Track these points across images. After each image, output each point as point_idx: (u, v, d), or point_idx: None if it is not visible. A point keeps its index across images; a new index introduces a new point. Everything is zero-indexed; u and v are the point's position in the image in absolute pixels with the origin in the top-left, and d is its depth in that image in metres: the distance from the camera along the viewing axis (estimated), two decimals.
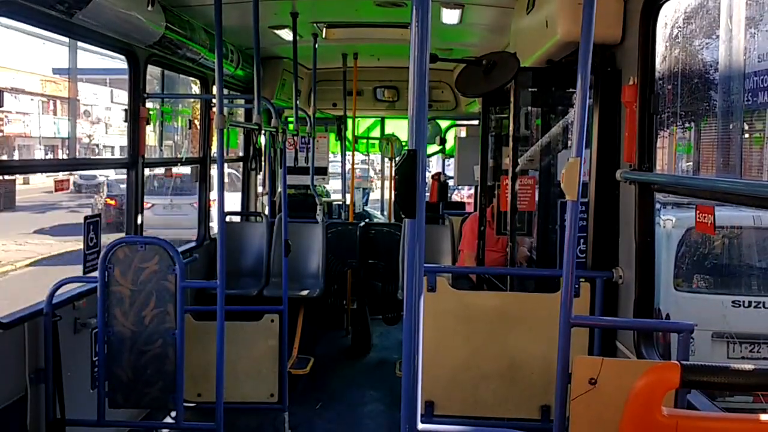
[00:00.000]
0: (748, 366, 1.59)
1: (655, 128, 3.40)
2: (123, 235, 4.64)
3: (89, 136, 40.47)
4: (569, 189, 2.57)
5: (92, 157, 37.02)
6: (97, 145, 39.79)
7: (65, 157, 35.59)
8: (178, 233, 11.56)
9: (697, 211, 2.82)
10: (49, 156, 35.53)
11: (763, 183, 3.34)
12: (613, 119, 3.69)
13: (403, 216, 1.56)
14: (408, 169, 1.50)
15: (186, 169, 8.64)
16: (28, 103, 37.09)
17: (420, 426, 1.64)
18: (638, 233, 3.47)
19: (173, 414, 4.09)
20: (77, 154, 39.08)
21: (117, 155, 35.37)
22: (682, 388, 1.45)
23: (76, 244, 17.63)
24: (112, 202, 20.18)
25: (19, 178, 25.15)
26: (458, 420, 3.94)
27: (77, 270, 4.18)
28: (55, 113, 39.03)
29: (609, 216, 3.80)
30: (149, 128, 4.95)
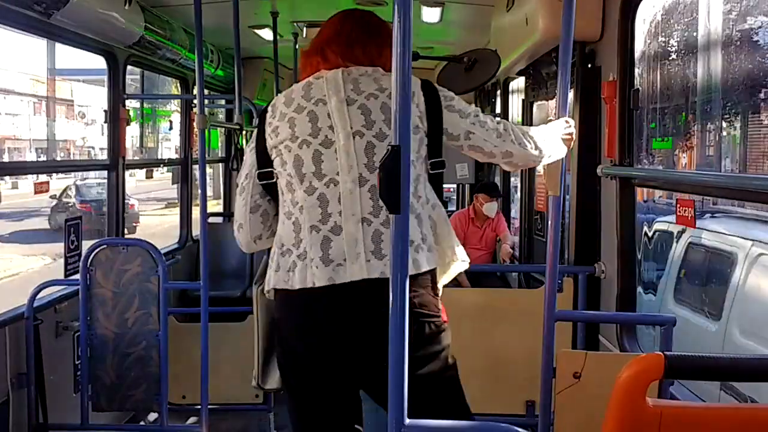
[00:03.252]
0: (733, 356, 1.62)
1: (634, 123, 3.43)
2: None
3: (83, 138, 39.92)
4: (551, 184, 2.59)
5: (75, 158, 36.62)
6: (93, 147, 39.24)
7: (48, 158, 35.22)
8: None
9: (678, 205, 2.85)
10: (42, 159, 35.15)
11: (744, 176, 3.38)
12: (593, 115, 3.72)
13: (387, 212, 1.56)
14: (392, 164, 1.51)
15: None
16: (17, 104, 36.57)
17: (407, 422, 1.65)
18: (620, 228, 3.50)
19: (157, 416, 4.07)
20: (71, 156, 38.68)
21: None
22: (667, 378, 1.47)
23: (42, 258, 17.05)
24: (86, 207, 19.87)
25: (7, 183, 24.84)
26: None
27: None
28: (48, 115, 38.57)
29: (591, 211, 3.83)
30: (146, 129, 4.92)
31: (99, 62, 4.65)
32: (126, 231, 5.04)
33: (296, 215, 2.23)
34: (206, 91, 5.54)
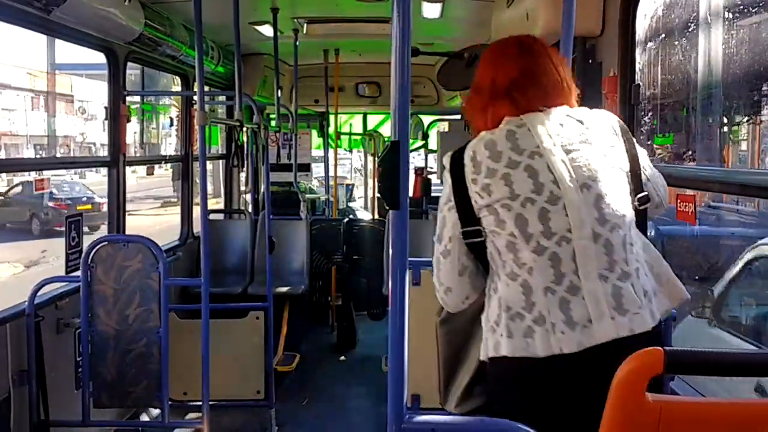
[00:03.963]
0: (734, 351, 1.61)
1: (636, 119, 3.43)
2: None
3: (82, 134, 39.70)
4: None
5: (73, 155, 36.49)
6: (93, 144, 38.99)
7: (47, 155, 35.01)
8: None
9: (678, 201, 2.85)
10: (41, 155, 34.88)
11: (743, 171, 3.38)
12: None
13: (387, 208, 1.56)
14: (391, 161, 1.51)
15: None
16: (14, 98, 36.29)
17: (406, 418, 1.65)
18: None
19: (158, 413, 4.07)
20: (71, 153, 38.42)
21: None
22: (666, 373, 1.46)
23: None
24: (61, 206, 19.30)
25: (3, 180, 24.71)
26: (444, 412, 3.95)
27: None
28: (47, 110, 38.32)
29: None
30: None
31: (100, 57, 4.64)
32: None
33: (524, 276, 2.08)
34: (206, 88, 5.54)
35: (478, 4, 5.15)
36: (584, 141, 2.10)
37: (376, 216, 9.10)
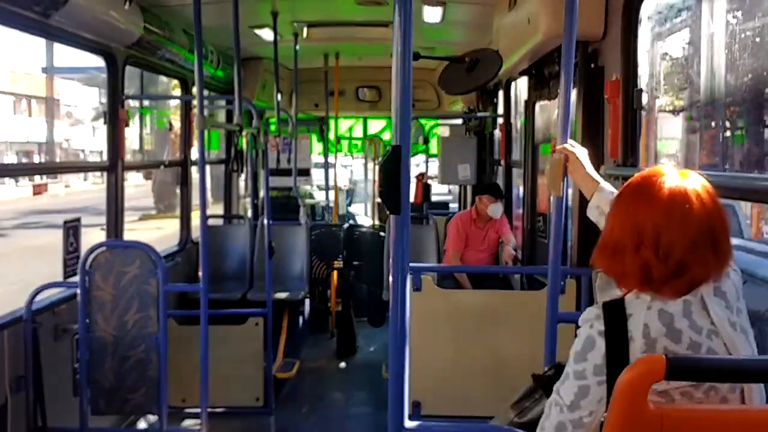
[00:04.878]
0: (735, 357, 1.60)
1: (638, 123, 3.40)
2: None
3: (67, 140, 39.38)
4: (553, 185, 2.56)
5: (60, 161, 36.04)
6: (83, 150, 38.65)
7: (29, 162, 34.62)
8: None
9: None
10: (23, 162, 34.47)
11: (746, 175, 3.35)
12: (596, 115, 3.70)
13: (387, 213, 1.54)
14: (392, 165, 1.49)
15: None
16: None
17: (407, 424, 1.62)
18: None
19: (157, 419, 4.05)
20: (57, 159, 38.10)
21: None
22: (668, 380, 1.45)
23: None
24: None
25: None
26: (445, 419, 3.92)
27: None
28: (30, 114, 37.79)
29: None
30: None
31: (90, 60, 4.63)
32: None
33: None
34: (206, 92, 5.52)
35: (479, 9, 5.14)
36: (738, 309, 1.84)
37: (377, 221, 9.08)
